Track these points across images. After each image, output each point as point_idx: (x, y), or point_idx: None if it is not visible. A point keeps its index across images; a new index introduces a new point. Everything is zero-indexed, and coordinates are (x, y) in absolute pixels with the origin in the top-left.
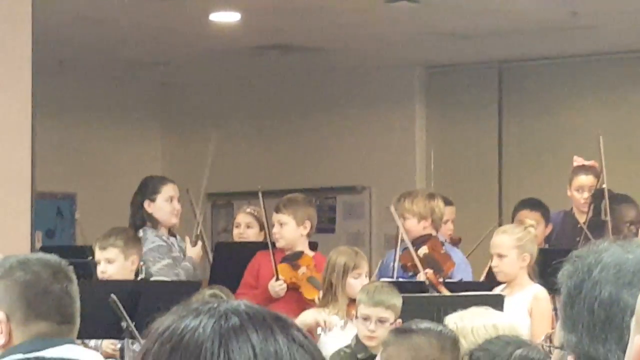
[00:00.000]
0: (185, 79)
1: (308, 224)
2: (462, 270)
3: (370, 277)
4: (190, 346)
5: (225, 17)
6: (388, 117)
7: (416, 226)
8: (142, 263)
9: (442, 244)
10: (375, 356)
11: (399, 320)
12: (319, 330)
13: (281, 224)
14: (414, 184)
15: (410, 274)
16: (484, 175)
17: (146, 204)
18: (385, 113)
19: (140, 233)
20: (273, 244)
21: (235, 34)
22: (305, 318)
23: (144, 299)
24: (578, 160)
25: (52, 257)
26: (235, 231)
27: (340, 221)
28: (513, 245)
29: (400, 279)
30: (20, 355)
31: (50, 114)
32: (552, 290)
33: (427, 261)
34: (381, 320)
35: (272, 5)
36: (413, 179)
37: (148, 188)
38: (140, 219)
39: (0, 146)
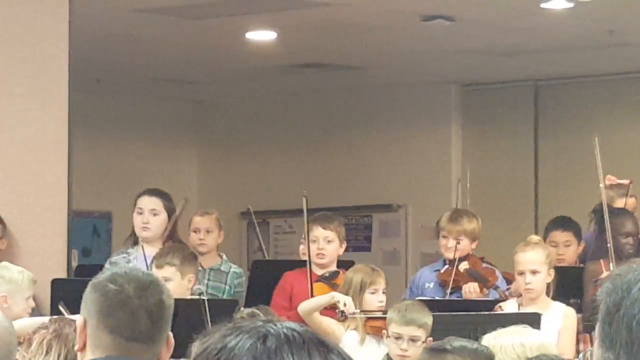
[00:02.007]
0: (222, 97)
1: (344, 244)
2: (501, 281)
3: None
4: None
5: (262, 36)
6: (424, 135)
7: (468, 247)
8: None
9: (480, 259)
10: None
11: (430, 339)
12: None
13: (328, 241)
14: (450, 202)
15: (449, 290)
16: (520, 192)
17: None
18: (421, 131)
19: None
20: (304, 262)
21: (271, 52)
22: (322, 320)
23: (180, 317)
24: (611, 179)
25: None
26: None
27: (376, 239)
28: (544, 261)
29: (437, 297)
30: None
31: (86, 132)
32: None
33: (470, 275)
34: (413, 339)
35: (307, 24)
36: (449, 196)
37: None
38: (134, 235)
39: (37, 164)
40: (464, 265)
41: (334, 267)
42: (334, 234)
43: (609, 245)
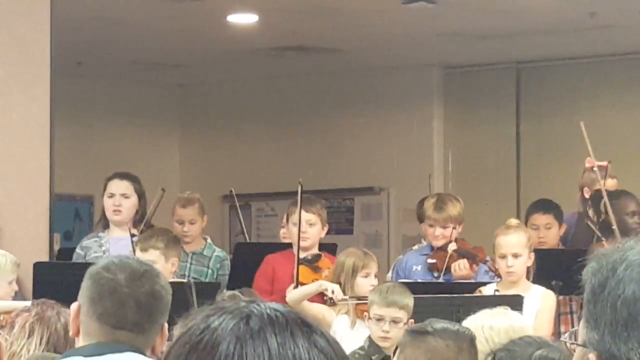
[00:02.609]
0: (203, 80)
1: (326, 227)
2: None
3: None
4: (207, 347)
5: (243, 19)
6: (405, 118)
7: (455, 232)
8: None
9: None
10: (389, 357)
11: (412, 320)
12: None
13: (310, 224)
14: (432, 184)
15: (437, 274)
16: (502, 176)
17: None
18: (403, 114)
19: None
20: (286, 245)
21: (253, 35)
22: (311, 307)
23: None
24: (591, 162)
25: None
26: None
27: (358, 222)
28: (525, 244)
29: (420, 280)
30: (81, 358)
31: (67, 116)
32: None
33: (460, 254)
34: (395, 321)
35: (289, 7)
36: (431, 179)
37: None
38: (105, 218)
39: (19, 148)
40: (452, 247)
41: (315, 250)
42: (316, 217)
43: (613, 227)
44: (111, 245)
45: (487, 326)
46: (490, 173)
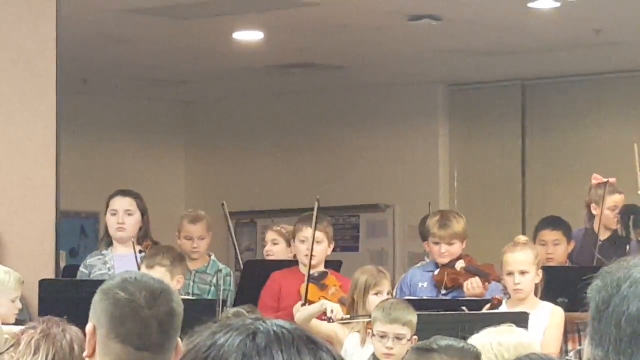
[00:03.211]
0: (209, 98)
1: (332, 244)
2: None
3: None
4: None
5: (249, 36)
6: (411, 135)
7: (460, 247)
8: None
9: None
10: None
11: (415, 337)
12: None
13: (317, 242)
14: (438, 202)
15: (444, 292)
16: (508, 192)
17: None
18: (409, 131)
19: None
20: (295, 262)
21: (259, 52)
22: (322, 326)
23: None
24: (598, 178)
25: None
26: (265, 249)
27: (364, 239)
28: (533, 262)
29: (426, 297)
30: None
31: (73, 133)
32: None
33: (470, 272)
34: (398, 337)
35: (295, 24)
36: (437, 196)
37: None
38: (108, 236)
39: (25, 165)
40: (460, 264)
41: (322, 268)
42: (323, 235)
43: None
44: (116, 262)
45: (496, 343)
46: (496, 190)
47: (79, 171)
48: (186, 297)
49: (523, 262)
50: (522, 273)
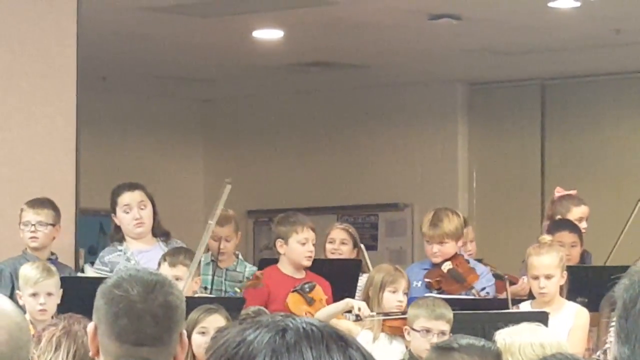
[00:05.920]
0: (228, 96)
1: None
2: (486, 280)
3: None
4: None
5: (269, 35)
6: (430, 134)
7: (453, 247)
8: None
9: (468, 260)
10: None
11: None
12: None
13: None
14: (456, 201)
15: (434, 291)
16: (527, 192)
17: (114, 216)
18: (428, 130)
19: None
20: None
21: (278, 51)
22: (337, 323)
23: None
24: (560, 191)
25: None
26: (329, 246)
27: (383, 238)
28: (558, 265)
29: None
30: None
31: (93, 130)
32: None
33: (450, 275)
34: (443, 333)
35: (314, 23)
36: (455, 195)
37: (111, 200)
38: (118, 232)
39: (44, 162)
40: (447, 266)
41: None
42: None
43: None
44: (139, 258)
45: (538, 344)
46: (515, 189)
47: (98, 169)
48: (217, 296)
49: (549, 266)
50: (548, 277)
